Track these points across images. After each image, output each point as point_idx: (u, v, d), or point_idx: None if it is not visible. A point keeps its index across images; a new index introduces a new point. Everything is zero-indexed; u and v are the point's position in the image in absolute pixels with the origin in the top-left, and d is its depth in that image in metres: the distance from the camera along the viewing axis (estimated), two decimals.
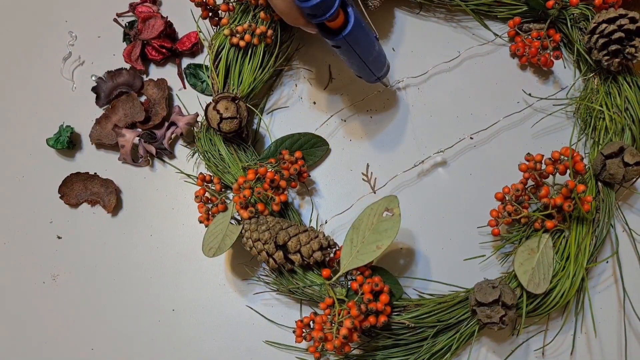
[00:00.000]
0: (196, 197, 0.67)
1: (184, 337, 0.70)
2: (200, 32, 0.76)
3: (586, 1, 0.69)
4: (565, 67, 0.75)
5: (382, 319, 0.60)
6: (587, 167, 0.66)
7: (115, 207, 0.73)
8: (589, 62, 0.69)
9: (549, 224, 0.61)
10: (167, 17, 0.76)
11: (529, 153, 0.63)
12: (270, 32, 0.68)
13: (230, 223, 0.65)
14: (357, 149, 0.74)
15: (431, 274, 0.69)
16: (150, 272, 0.72)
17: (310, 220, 0.71)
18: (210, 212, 0.67)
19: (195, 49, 0.77)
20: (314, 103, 0.76)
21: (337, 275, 0.62)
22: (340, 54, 0.60)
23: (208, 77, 0.75)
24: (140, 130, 0.74)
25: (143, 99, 0.76)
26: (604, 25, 0.65)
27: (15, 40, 0.80)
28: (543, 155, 0.63)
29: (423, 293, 0.67)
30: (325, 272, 0.63)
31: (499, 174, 0.71)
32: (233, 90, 0.69)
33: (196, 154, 0.74)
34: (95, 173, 0.74)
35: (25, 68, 0.79)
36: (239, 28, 0.68)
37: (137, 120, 0.73)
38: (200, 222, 0.67)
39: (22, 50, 0.80)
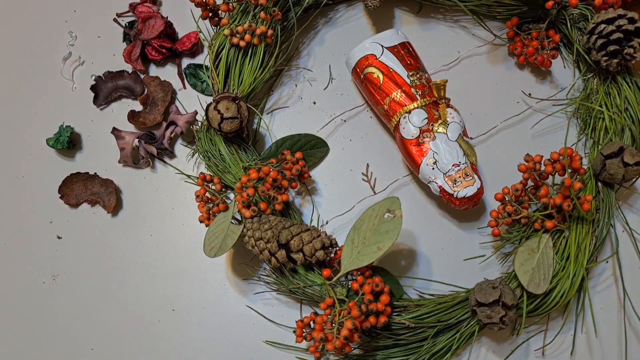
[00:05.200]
0: (197, 196, 0.67)
1: (184, 337, 0.70)
2: (200, 32, 0.76)
3: (586, 1, 0.69)
4: (564, 68, 0.75)
5: (383, 319, 0.60)
6: (586, 167, 0.66)
7: (115, 207, 0.73)
8: (588, 62, 0.69)
9: (548, 224, 0.61)
10: (167, 17, 0.76)
11: (528, 154, 0.64)
12: (270, 32, 0.68)
13: (231, 223, 0.65)
14: (357, 149, 0.74)
15: (431, 274, 0.70)
16: (150, 272, 0.72)
17: (311, 220, 0.71)
18: (211, 212, 0.67)
19: (195, 49, 0.77)
20: (314, 103, 0.76)
21: (337, 276, 0.62)
22: None
23: (208, 77, 0.75)
24: (138, 131, 0.74)
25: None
26: (603, 25, 0.65)
27: (15, 40, 0.80)
28: (542, 156, 0.63)
29: (423, 293, 0.67)
30: (326, 272, 0.63)
31: (498, 175, 0.72)
32: (233, 91, 0.69)
33: (196, 154, 0.74)
34: (95, 173, 0.74)
35: (25, 68, 0.79)
36: (239, 28, 0.68)
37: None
38: (201, 221, 0.67)
39: (22, 50, 0.80)
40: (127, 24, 0.78)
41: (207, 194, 0.67)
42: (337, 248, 0.65)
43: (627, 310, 0.67)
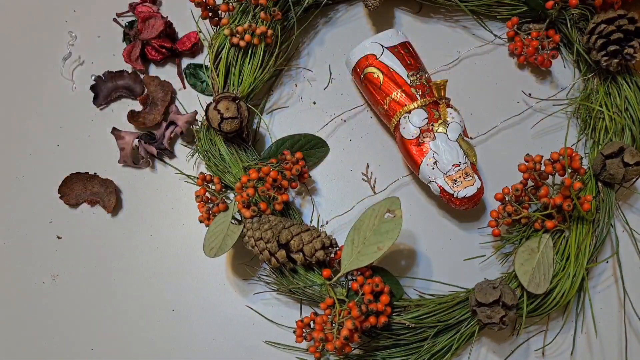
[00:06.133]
0: (197, 196, 0.67)
1: (184, 337, 0.70)
2: (200, 32, 0.76)
3: (586, 1, 0.69)
4: (565, 67, 0.75)
5: (383, 319, 0.60)
6: (586, 167, 0.66)
7: (115, 207, 0.73)
8: (588, 62, 0.69)
9: (549, 224, 0.61)
10: (167, 17, 0.76)
11: (528, 154, 0.64)
12: (270, 32, 0.68)
13: (231, 223, 0.65)
14: (357, 149, 0.74)
15: (431, 274, 0.70)
16: (150, 272, 0.72)
17: (311, 220, 0.71)
18: (211, 212, 0.67)
19: (195, 49, 0.77)
20: (314, 103, 0.76)
21: (337, 276, 0.62)
22: None
23: (208, 77, 0.75)
24: (138, 131, 0.74)
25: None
26: (603, 25, 0.65)
27: (15, 40, 0.80)
28: (542, 156, 0.63)
29: (423, 293, 0.67)
30: (326, 272, 0.63)
31: (498, 175, 0.72)
32: (233, 91, 0.69)
33: (196, 154, 0.74)
34: (95, 173, 0.74)
35: (25, 68, 0.79)
36: (239, 28, 0.68)
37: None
38: (201, 221, 0.67)
39: (22, 50, 0.80)
40: (126, 23, 0.78)
41: (207, 194, 0.67)
42: (337, 248, 0.65)
43: (627, 310, 0.67)
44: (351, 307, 0.58)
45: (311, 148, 0.73)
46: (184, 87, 0.77)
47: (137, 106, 0.76)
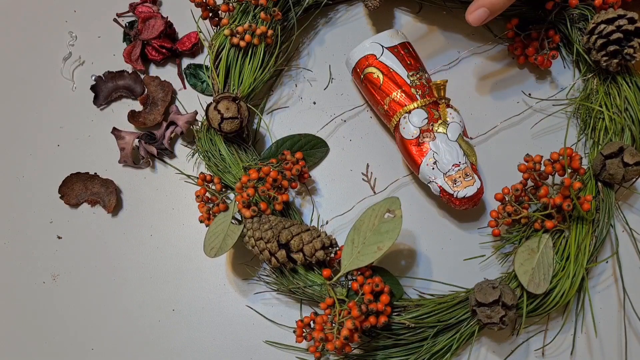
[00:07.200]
0: (197, 196, 0.67)
1: (184, 337, 0.70)
2: (200, 32, 0.76)
3: (586, 1, 0.69)
4: (564, 68, 0.75)
5: (383, 319, 0.60)
6: (586, 167, 0.66)
7: (116, 207, 0.73)
8: (588, 62, 0.70)
9: (548, 224, 0.61)
10: (167, 17, 0.76)
11: (528, 154, 0.64)
12: (270, 32, 0.69)
13: (231, 223, 0.65)
14: (357, 149, 0.74)
15: (431, 274, 0.70)
16: (150, 272, 0.72)
17: (311, 220, 0.71)
18: (211, 212, 0.67)
19: (195, 49, 0.77)
20: (314, 103, 0.76)
21: (337, 276, 0.62)
22: None
23: (208, 77, 0.75)
24: (138, 131, 0.74)
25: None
26: (603, 25, 0.65)
27: (15, 40, 0.80)
28: (542, 156, 0.63)
29: (423, 293, 0.67)
30: (326, 272, 0.63)
31: (498, 175, 0.72)
32: (233, 91, 0.70)
33: (196, 154, 0.74)
34: (95, 173, 0.74)
35: (25, 68, 0.79)
36: (239, 28, 0.68)
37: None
38: (201, 221, 0.67)
39: (23, 50, 0.80)
40: (127, 24, 0.78)
41: (207, 194, 0.67)
42: (337, 248, 0.65)
43: (627, 310, 0.67)
44: (351, 307, 0.59)
45: (311, 148, 0.73)
46: (184, 87, 0.77)
47: (137, 106, 0.76)
